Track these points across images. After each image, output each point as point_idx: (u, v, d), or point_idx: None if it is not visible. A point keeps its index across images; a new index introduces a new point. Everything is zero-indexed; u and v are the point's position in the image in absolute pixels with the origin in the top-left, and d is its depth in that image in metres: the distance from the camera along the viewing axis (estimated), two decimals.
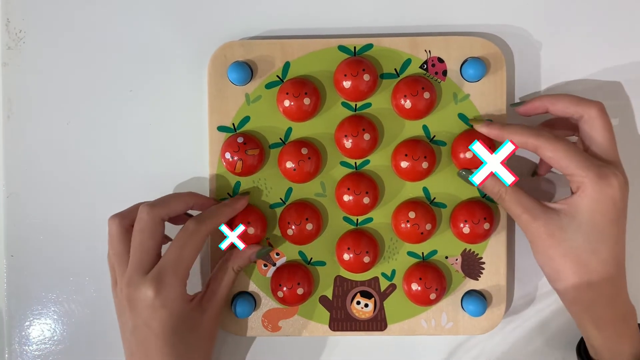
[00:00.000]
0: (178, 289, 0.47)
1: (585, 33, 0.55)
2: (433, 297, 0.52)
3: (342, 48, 0.53)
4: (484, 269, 0.53)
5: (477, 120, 0.51)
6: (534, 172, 0.54)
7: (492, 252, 0.53)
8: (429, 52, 0.52)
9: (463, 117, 0.53)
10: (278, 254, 0.54)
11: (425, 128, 0.53)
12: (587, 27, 0.55)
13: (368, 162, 0.53)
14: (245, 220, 0.52)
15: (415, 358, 0.56)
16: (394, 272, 0.54)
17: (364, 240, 0.52)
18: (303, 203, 0.53)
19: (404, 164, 0.51)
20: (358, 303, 0.54)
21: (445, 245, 0.53)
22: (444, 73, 0.53)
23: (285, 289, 0.52)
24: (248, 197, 0.52)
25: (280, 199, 0.54)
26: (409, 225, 0.51)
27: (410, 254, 0.54)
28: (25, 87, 0.55)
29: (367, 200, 0.51)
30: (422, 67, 0.53)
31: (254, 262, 0.53)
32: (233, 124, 0.53)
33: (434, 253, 0.54)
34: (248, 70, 0.52)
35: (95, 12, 0.55)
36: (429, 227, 0.51)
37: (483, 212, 0.51)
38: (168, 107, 0.55)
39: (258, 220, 0.52)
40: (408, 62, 0.53)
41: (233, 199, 0.52)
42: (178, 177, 0.55)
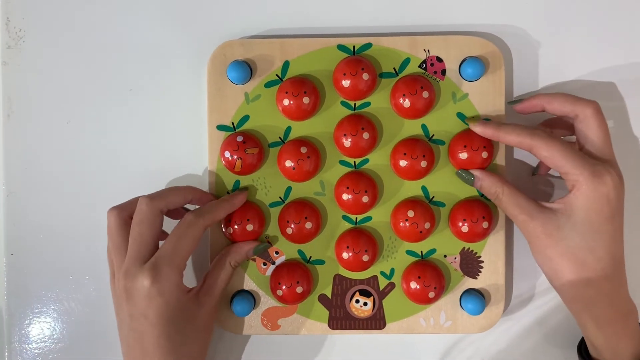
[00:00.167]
0: (174, 279, 0.47)
1: (584, 33, 0.55)
2: (432, 295, 0.52)
3: (341, 47, 0.53)
4: (483, 268, 0.53)
5: (472, 120, 0.52)
6: (534, 171, 0.54)
7: (490, 250, 0.53)
8: (428, 51, 0.53)
9: (462, 116, 0.53)
10: (277, 253, 0.54)
11: (424, 127, 0.53)
12: (585, 27, 0.55)
13: (367, 161, 0.53)
14: (245, 217, 0.52)
15: (414, 356, 0.56)
16: (393, 270, 0.54)
17: (363, 239, 0.52)
18: (302, 202, 0.53)
19: (403, 163, 0.51)
20: (357, 301, 0.54)
21: (444, 244, 0.53)
22: (443, 72, 0.53)
23: (285, 288, 0.52)
24: (247, 192, 0.53)
25: (280, 198, 0.54)
26: (408, 224, 0.51)
27: (409, 253, 0.54)
28: (25, 86, 0.56)
29: (366, 199, 0.52)
30: (421, 66, 0.53)
31: (253, 259, 0.54)
32: (232, 123, 0.53)
33: (433, 252, 0.54)
34: (247, 69, 0.52)
35: (95, 11, 0.55)
36: (428, 225, 0.52)
37: (482, 211, 0.51)
38: (168, 106, 0.55)
39: (256, 217, 0.52)
40: (407, 61, 0.53)
41: (232, 195, 0.52)
42: (178, 176, 0.55)
